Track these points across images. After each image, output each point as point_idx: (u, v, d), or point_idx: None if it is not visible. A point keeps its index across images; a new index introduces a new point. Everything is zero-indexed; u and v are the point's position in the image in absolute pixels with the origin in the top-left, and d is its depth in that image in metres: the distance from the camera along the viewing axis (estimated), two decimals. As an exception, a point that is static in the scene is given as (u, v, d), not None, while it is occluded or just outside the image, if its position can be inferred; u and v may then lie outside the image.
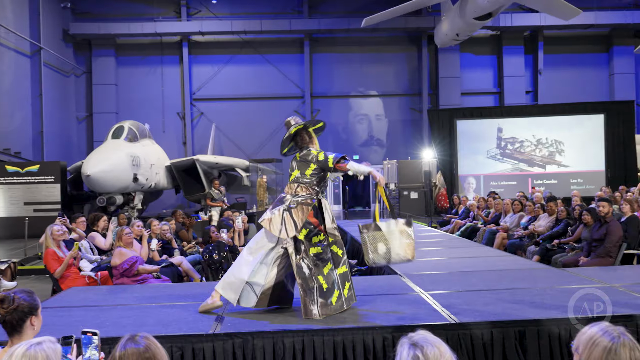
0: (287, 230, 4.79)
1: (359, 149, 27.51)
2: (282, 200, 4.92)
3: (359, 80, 27.39)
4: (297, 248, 4.82)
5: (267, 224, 4.82)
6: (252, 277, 4.86)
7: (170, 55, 27.06)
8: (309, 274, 4.78)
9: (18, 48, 21.70)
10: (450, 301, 5.12)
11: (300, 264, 4.78)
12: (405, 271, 6.65)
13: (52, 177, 18.32)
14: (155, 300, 5.60)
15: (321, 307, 4.74)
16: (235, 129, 26.84)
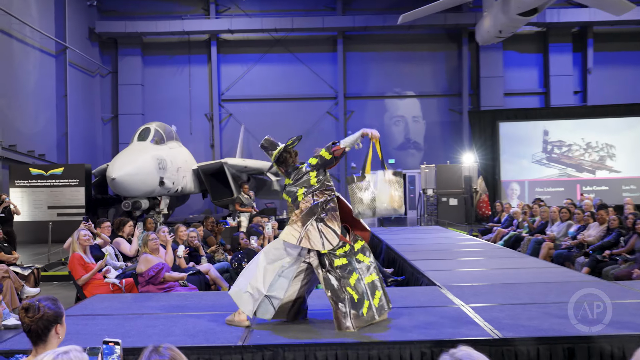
0: (330, 241, 4.82)
1: (394, 152, 27.40)
2: (309, 212, 4.91)
3: (395, 80, 27.30)
4: (322, 262, 4.86)
5: (305, 242, 4.81)
6: (270, 291, 4.87)
7: (198, 54, 27.37)
8: (338, 286, 4.79)
9: (43, 47, 22.19)
10: (493, 315, 5.05)
11: (328, 276, 4.81)
12: (445, 282, 6.58)
13: (77, 181, 18.65)
14: (182, 310, 5.65)
15: (354, 319, 4.74)
16: (265, 131, 26.94)
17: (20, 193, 18.43)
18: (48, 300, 3.04)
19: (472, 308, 5.34)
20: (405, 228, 17.06)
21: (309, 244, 4.80)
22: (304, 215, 4.90)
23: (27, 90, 21.05)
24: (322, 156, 5.04)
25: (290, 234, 4.86)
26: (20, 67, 20.52)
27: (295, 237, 4.83)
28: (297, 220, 4.89)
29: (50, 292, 9.95)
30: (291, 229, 4.88)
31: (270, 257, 4.96)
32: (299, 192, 5.02)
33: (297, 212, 4.97)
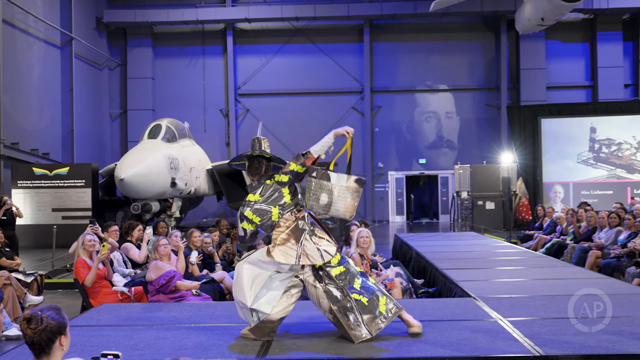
0: (328, 252, 4.90)
1: (425, 151, 27.30)
2: (297, 228, 4.94)
3: (427, 72, 27.21)
4: (318, 276, 4.92)
5: (305, 259, 4.85)
6: (256, 303, 4.89)
7: (213, 45, 27.54)
8: (342, 296, 4.86)
9: (48, 38, 22.49)
10: (534, 330, 5.00)
11: (329, 289, 4.88)
12: (481, 294, 6.53)
13: (83, 181, 18.85)
14: (195, 321, 5.68)
15: (369, 323, 4.80)
16: (284, 128, 27.06)
17: (23, 194, 18.67)
18: (51, 310, 3.07)
19: (510, 322, 5.30)
20: (437, 234, 16.97)
21: (308, 260, 4.86)
22: (293, 231, 4.93)
23: (31, 84, 21.33)
24: (293, 171, 5.07)
25: (287, 254, 4.87)
26: (24, 59, 20.81)
27: (293, 256, 4.86)
28: (289, 237, 4.90)
29: (54, 301, 10.07)
30: (285, 248, 4.88)
31: (255, 269, 4.98)
32: (273, 212, 5.00)
33: (281, 230, 4.95)
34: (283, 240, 4.92)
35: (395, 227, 24.34)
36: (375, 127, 27.23)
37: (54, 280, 12.13)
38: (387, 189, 27.58)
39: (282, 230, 4.96)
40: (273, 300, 4.92)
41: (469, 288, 6.88)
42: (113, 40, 27.62)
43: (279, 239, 4.93)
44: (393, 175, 27.55)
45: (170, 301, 7.03)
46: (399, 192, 27.51)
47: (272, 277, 4.97)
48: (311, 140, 24.53)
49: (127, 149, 25.31)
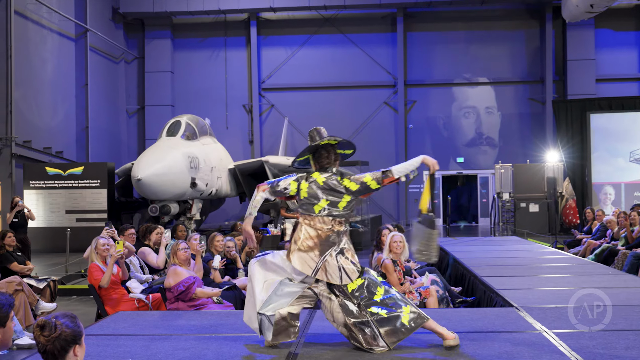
0: (349, 276, 4.93)
1: (463, 149, 27.14)
2: (328, 242, 4.97)
3: (465, 64, 27.04)
4: (333, 290, 4.98)
5: (322, 274, 4.91)
6: (264, 309, 5.00)
7: (236, 36, 27.67)
8: (358, 311, 4.90)
9: (62, 30, 22.78)
10: (582, 343, 4.96)
11: (345, 303, 4.94)
12: (524, 303, 6.48)
13: (98, 181, 19.06)
14: (216, 330, 5.71)
15: (387, 336, 4.84)
16: (312, 125, 26.77)
17: (36, 195, 18.93)
18: (66, 318, 3.10)
19: (555, 334, 5.25)
20: (476, 239, 16.87)
21: (325, 277, 4.93)
22: (322, 242, 4.97)
23: (44, 78, 21.62)
24: (366, 184, 5.12)
25: (305, 264, 4.93)
26: (36, 52, 21.09)
27: (311, 268, 4.92)
28: (315, 247, 4.95)
29: (68, 308, 10.20)
30: (307, 257, 4.94)
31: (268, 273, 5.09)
32: (320, 203, 5.06)
33: (311, 233, 4.99)
34: (307, 248, 4.96)
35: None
36: (409, 123, 27.14)
37: (67, 286, 12.30)
38: (421, 190, 27.40)
39: (311, 236, 4.99)
40: (280, 307, 5.00)
41: (511, 297, 6.83)
42: (130, 31, 27.90)
43: (304, 245, 4.97)
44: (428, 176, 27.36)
45: (189, 309, 7.07)
46: (435, 194, 27.27)
47: (282, 283, 5.03)
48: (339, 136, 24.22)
49: (145, 147, 25.54)
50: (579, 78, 26.03)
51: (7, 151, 18.89)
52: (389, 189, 27.01)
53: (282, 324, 4.99)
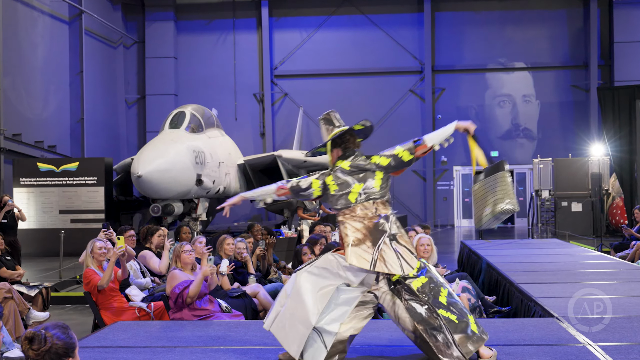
0: (409, 263, 4.87)
1: (498, 142, 27.04)
2: (377, 229, 4.94)
3: (500, 47, 26.93)
4: (397, 290, 4.90)
5: (381, 266, 4.81)
6: (322, 322, 4.86)
7: (246, 17, 27.72)
8: (428, 313, 4.80)
9: (54, 12, 22.91)
10: (630, 357, 4.92)
11: (411, 305, 4.84)
12: (566, 313, 6.44)
13: (95, 179, 19.15)
14: (224, 342, 5.72)
15: (461, 344, 4.72)
16: (329, 116, 27.02)
17: (26, 193, 19.05)
18: (57, 329, 3.12)
19: (601, 348, 5.22)
20: (512, 241, 16.78)
21: (385, 268, 4.82)
22: (372, 232, 4.92)
23: (35, 65, 21.75)
24: (397, 156, 5.10)
25: (360, 257, 4.84)
26: (26, 37, 21.22)
27: (368, 260, 4.82)
28: (365, 238, 4.90)
29: (62, 318, 10.27)
30: (359, 250, 4.86)
31: (320, 280, 4.96)
32: (354, 187, 5.04)
33: (356, 226, 4.95)
34: (357, 241, 4.90)
35: (462, 233, 24.15)
36: (437, 113, 27.08)
37: (61, 293, 12.37)
38: (451, 188, 27.40)
39: (357, 228, 4.94)
40: (341, 318, 4.88)
41: (551, 306, 6.79)
42: (129, 13, 28.02)
43: (353, 239, 4.90)
44: (459, 171, 27.35)
45: (194, 318, 7.09)
46: (466, 192, 27.28)
47: (339, 290, 4.93)
48: (361, 129, 23.96)
49: (146, 140, 25.64)
50: (627, 62, 25.85)
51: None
52: (415, 186, 26.99)
53: (339, 347, 4.87)
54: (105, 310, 7.52)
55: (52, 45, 22.79)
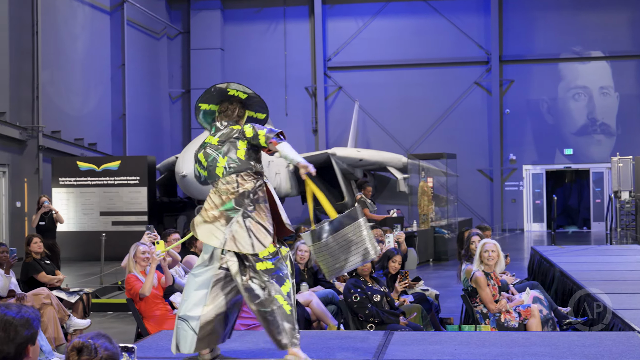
0: (261, 241, 5.15)
1: (572, 139, 26.68)
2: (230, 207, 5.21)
3: (574, 35, 26.57)
4: (242, 266, 5.16)
5: (231, 244, 5.11)
6: (183, 310, 5.29)
7: (297, 5, 27.81)
8: (265, 296, 5.08)
9: (95, 2, 23.26)
10: None
11: (250, 285, 5.14)
12: (648, 326, 6.34)
13: (137, 178, 19.38)
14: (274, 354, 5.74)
15: (290, 333, 5.09)
16: (387, 110, 27.02)
17: (66, 194, 19.36)
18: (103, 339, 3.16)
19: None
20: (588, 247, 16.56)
21: (235, 247, 5.11)
22: (227, 209, 5.20)
23: (74, 58, 22.10)
24: (258, 135, 5.31)
25: (211, 234, 5.20)
26: (66, 28, 21.57)
27: (219, 239, 5.16)
28: (221, 216, 5.21)
29: (104, 326, 10.43)
30: (213, 227, 5.21)
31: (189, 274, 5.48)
32: (219, 162, 5.28)
33: (215, 201, 5.24)
34: (213, 218, 5.22)
35: (532, 238, 23.89)
36: (505, 107, 26.82)
37: (102, 300, 12.56)
38: (521, 189, 27.11)
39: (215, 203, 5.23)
40: (202, 301, 5.25)
41: (632, 319, 6.70)
42: (173, 2, 28.33)
43: (210, 215, 5.22)
44: (529, 171, 27.06)
45: (242, 328, 7.14)
46: (537, 193, 26.99)
47: (194, 275, 5.31)
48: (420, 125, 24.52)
49: (191, 138, 25.92)
50: None
51: (34, 143, 19.34)
52: (481, 187, 26.84)
53: (208, 328, 5.24)
54: (148, 318, 7.62)
55: (92, 37, 23.11)
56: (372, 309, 7.54)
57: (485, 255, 7.88)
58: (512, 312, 7.75)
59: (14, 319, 3.10)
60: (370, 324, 7.48)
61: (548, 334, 6.90)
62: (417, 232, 17.64)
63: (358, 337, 6.37)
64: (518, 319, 7.69)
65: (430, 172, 21.57)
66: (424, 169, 21.16)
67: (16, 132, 18.72)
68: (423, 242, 17.88)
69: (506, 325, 7.59)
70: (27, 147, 19.28)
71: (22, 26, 19.26)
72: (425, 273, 15.04)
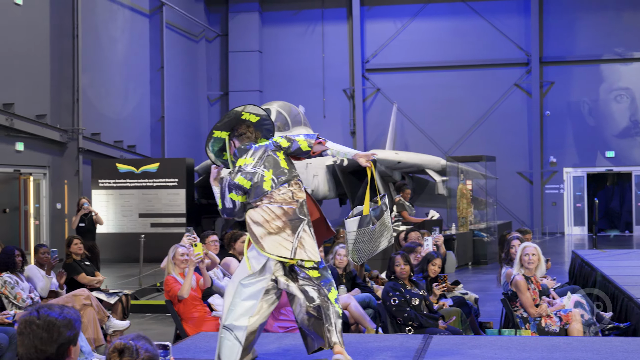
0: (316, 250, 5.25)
1: (614, 141, 26.37)
2: (296, 214, 5.29)
3: (617, 35, 26.28)
4: (291, 274, 5.22)
5: (302, 253, 5.16)
6: (229, 319, 5.27)
7: (335, 7, 27.82)
8: (319, 297, 5.16)
9: (134, 5, 23.46)
10: None
11: (305, 288, 5.19)
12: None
13: (176, 180, 19.51)
14: (311, 357, 5.75)
15: (340, 332, 5.16)
16: (426, 112, 26.93)
17: (105, 196, 19.55)
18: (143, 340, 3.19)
19: None
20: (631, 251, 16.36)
21: (305, 255, 5.16)
22: (291, 218, 5.26)
23: (114, 61, 22.31)
24: (297, 142, 5.39)
25: (280, 245, 5.18)
26: (106, 32, 21.79)
27: (288, 249, 5.17)
28: (286, 226, 5.21)
29: (142, 327, 10.52)
30: (279, 238, 5.20)
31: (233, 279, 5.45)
32: (266, 176, 5.30)
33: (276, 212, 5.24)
34: (278, 229, 5.21)
35: (573, 242, 23.66)
36: (545, 109, 26.59)
37: (141, 301, 12.66)
38: (561, 192, 26.86)
39: (277, 214, 5.23)
40: (249, 311, 5.27)
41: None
42: (212, 5, 28.48)
43: (274, 227, 5.20)
44: (570, 173, 26.80)
45: (281, 330, 7.15)
46: (577, 196, 26.72)
47: (242, 285, 5.29)
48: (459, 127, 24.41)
49: (229, 140, 25.98)
50: None
51: (74, 145, 19.55)
52: (520, 189, 26.65)
53: (251, 339, 5.28)
54: (186, 320, 7.67)
55: (132, 40, 23.33)
56: (411, 312, 7.51)
57: (525, 259, 7.81)
58: (553, 316, 7.67)
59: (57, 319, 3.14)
60: (408, 327, 7.46)
61: (590, 339, 6.83)
62: (455, 235, 17.55)
63: (396, 340, 6.35)
64: (559, 324, 7.61)
65: (469, 174, 21.44)
66: (462, 172, 21.05)
67: (57, 134, 18.95)
68: (462, 245, 17.79)
69: (547, 329, 7.52)
70: (67, 149, 19.48)
71: (62, 31, 19.47)
72: (464, 276, 14.96)
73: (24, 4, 17.69)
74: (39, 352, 3.14)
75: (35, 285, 8.79)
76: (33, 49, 18.22)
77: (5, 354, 7.08)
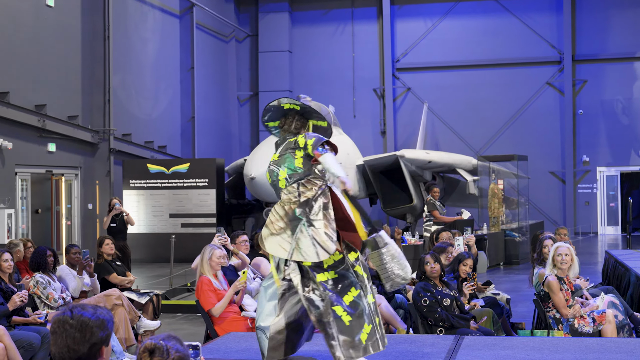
0: (325, 249, 5.13)
1: (648, 141, 26.12)
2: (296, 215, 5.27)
3: (651, 32, 26.03)
4: (305, 277, 5.23)
5: (297, 255, 5.17)
6: (259, 320, 5.46)
7: (365, 7, 27.79)
8: (324, 307, 5.16)
9: (164, 6, 23.59)
10: None
11: (311, 296, 5.22)
12: None
13: (206, 181, 19.58)
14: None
15: (345, 346, 5.09)
16: (456, 112, 26.81)
17: (136, 196, 19.67)
18: (174, 340, 3.21)
19: None
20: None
21: (301, 256, 5.16)
22: (291, 219, 5.30)
23: (144, 62, 22.45)
24: (307, 144, 5.40)
25: (279, 246, 5.28)
26: (136, 32, 21.93)
27: (286, 250, 5.20)
28: (287, 227, 5.28)
29: (173, 327, 10.58)
30: (280, 239, 5.29)
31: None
32: (280, 174, 5.38)
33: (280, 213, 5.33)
34: (280, 229, 5.29)
35: (607, 242, 23.44)
36: (578, 108, 26.37)
37: (172, 301, 12.74)
38: (594, 191, 26.61)
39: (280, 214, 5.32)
40: (273, 312, 5.39)
41: None
42: (242, 5, 28.57)
43: (277, 227, 5.29)
44: (603, 173, 26.55)
45: (312, 331, 7.15)
46: (611, 195, 26.46)
47: (265, 287, 5.47)
48: (491, 126, 24.22)
49: (259, 140, 26.09)
50: None
51: (105, 146, 19.68)
52: (553, 189, 26.49)
53: (279, 338, 5.36)
54: (217, 320, 7.68)
55: (162, 41, 23.45)
56: (442, 312, 7.49)
57: (558, 259, 7.75)
58: (586, 317, 7.61)
59: (90, 320, 3.17)
60: (439, 328, 7.44)
61: (624, 341, 6.77)
62: (487, 235, 17.46)
63: (427, 341, 6.34)
64: (592, 325, 7.55)
65: (500, 174, 21.32)
66: (494, 171, 20.94)
67: (88, 135, 19.10)
68: (493, 245, 17.69)
69: (580, 330, 7.47)
70: (98, 150, 19.62)
71: (94, 32, 19.61)
72: (496, 277, 14.88)
73: (56, 6, 17.86)
74: (72, 352, 3.17)
75: (67, 286, 8.88)
76: (64, 50, 18.38)
77: (38, 353, 7.16)
